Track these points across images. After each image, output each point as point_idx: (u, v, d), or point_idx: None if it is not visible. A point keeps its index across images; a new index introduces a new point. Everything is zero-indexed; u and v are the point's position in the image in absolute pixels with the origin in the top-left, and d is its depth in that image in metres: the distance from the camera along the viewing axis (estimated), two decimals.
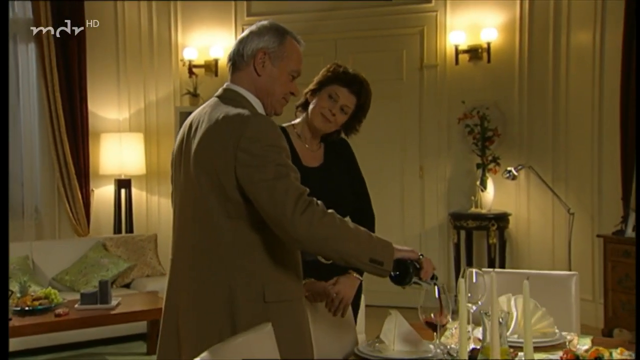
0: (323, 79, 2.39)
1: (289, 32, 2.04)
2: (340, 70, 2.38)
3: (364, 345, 2.05)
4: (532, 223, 5.65)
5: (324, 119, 2.35)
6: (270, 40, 1.96)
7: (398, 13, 5.97)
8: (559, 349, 2.02)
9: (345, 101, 2.35)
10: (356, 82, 2.37)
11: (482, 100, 5.62)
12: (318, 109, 2.35)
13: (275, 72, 1.95)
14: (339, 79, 2.35)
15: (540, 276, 2.65)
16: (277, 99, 1.97)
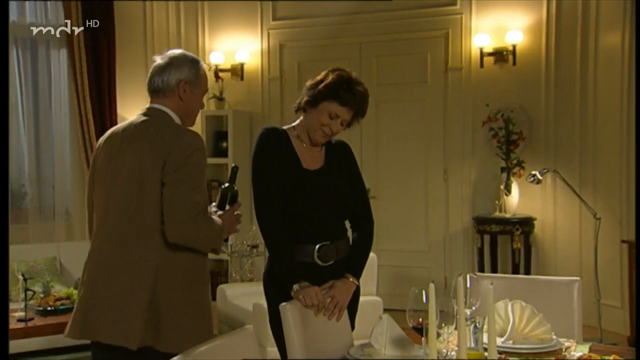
0: (322, 93, 2.30)
1: (199, 60, 2.42)
2: (341, 88, 2.29)
3: (354, 349, 2.05)
4: (559, 228, 5.54)
5: (324, 135, 2.37)
6: (189, 72, 2.33)
7: (423, 16, 5.94)
8: (555, 355, 1.99)
9: (345, 117, 2.35)
10: (356, 101, 2.32)
11: (507, 103, 5.55)
12: (318, 125, 2.33)
13: (194, 97, 2.31)
14: (338, 97, 2.29)
15: (543, 282, 2.61)
16: (195, 115, 2.35)
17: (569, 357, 1.91)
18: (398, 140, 6.10)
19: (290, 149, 2.35)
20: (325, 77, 2.35)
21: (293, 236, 2.29)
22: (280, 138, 2.36)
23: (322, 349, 2.07)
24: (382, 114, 6.15)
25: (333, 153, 2.46)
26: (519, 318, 2.13)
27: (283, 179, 2.30)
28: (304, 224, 2.30)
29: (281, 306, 2.05)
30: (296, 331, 1.97)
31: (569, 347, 2.09)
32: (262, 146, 2.34)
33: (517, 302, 2.16)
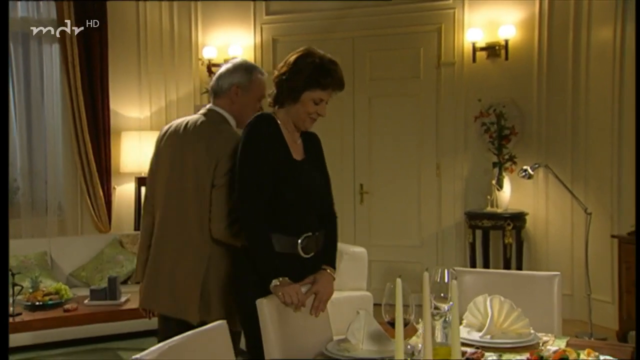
0: (302, 85, 2.27)
1: (255, 68, 2.60)
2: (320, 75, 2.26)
3: (332, 344, 2.05)
4: (551, 223, 5.55)
5: (313, 120, 2.36)
6: (241, 77, 2.55)
7: (415, 11, 5.93)
8: (532, 349, 1.99)
9: (328, 98, 2.35)
10: (336, 81, 2.31)
11: (499, 98, 5.55)
12: (305, 115, 2.31)
13: (245, 100, 2.54)
14: (320, 84, 2.27)
15: (524, 277, 2.61)
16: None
17: (544, 351, 1.91)
18: (391, 135, 6.10)
19: (281, 139, 2.30)
20: (295, 65, 2.29)
21: (277, 227, 2.25)
22: (273, 126, 2.29)
23: (301, 345, 2.07)
24: (375, 108, 6.14)
25: (309, 144, 2.44)
26: (497, 313, 2.14)
27: (275, 170, 2.25)
28: (290, 215, 2.28)
29: (258, 302, 2.04)
30: (273, 327, 1.97)
31: (547, 342, 2.09)
32: (256, 133, 2.26)
33: (496, 297, 2.16)
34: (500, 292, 2.24)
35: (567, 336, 2.24)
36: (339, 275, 4.59)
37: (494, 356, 1.92)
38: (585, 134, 5.36)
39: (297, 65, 2.29)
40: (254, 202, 2.21)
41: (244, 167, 2.24)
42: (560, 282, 2.43)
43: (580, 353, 1.84)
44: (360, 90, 6.16)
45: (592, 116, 5.32)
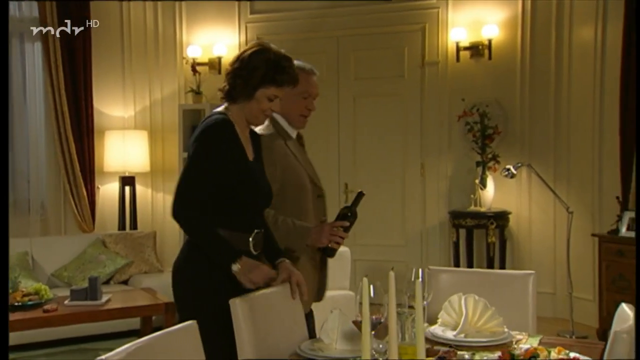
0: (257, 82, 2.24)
1: (301, 67, 2.55)
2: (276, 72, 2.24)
3: (305, 344, 2.05)
4: (533, 222, 5.58)
5: (266, 117, 2.37)
6: None
7: (399, 10, 5.94)
8: (505, 348, 2.00)
9: (282, 94, 2.33)
10: (290, 78, 2.29)
11: (482, 98, 5.57)
12: (259, 112, 2.30)
13: (290, 99, 2.50)
14: (275, 81, 2.25)
15: (499, 275, 2.63)
16: (292, 116, 2.57)
17: (517, 350, 1.92)
18: (375, 134, 6.11)
19: (237, 139, 2.28)
20: (250, 61, 2.25)
21: (230, 225, 2.24)
22: (231, 131, 2.26)
23: (275, 345, 2.06)
24: (359, 108, 6.15)
25: (255, 142, 2.44)
26: (472, 312, 2.15)
27: (232, 173, 2.23)
28: (243, 214, 2.29)
29: (231, 301, 2.03)
30: (247, 327, 1.96)
31: (520, 340, 2.10)
32: (215, 138, 2.22)
33: (471, 296, 2.17)
34: (476, 291, 2.25)
35: (542, 334, 2.25)
36: None
37: (466, 355, 1.92)
38: (568, 133, 5.40)
39: (251, 62, 2.25)
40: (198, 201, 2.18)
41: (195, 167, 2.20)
42: (535, 281, 2.44)
43: (551, 351, 1.85)
44: (345, 90, 6.16)
45: (574, 116, 5.35)
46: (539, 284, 5.24)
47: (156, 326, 3.79)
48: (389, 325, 1.32)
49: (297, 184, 2.62)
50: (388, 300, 1.35)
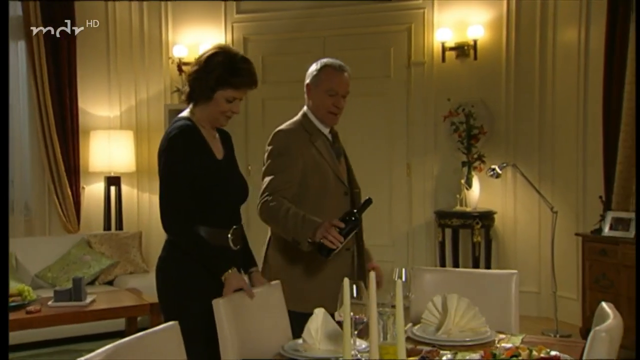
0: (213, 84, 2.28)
1: (326, 64, 2.69)
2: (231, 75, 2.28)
3: (289, 344, 2.05)
4: (518, 222, 5.61)
5: (227, 118, 2.39)
6: (312, 75, 2.69)
7: (386, 10, 5.95)
8: (487, 347, 2.01)
9: (241, 96, 2.37)
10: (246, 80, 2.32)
11: (468, 98, 5.59)
12: (219, 113, 2.34)
13: (316, 96, 2.66)
14: (230, 84, 2.29)
15: (482, 275, 2.64)
16: (322, 113, 2.67)
17: (499, 349, 1.93)
18: (361, 134, 6.11)
19: (203, 143, 2.33)
20: (207, 64, 2.30)
21: (208, 221, 2.30)
22: (195, 135, 2.31)
23: (258, 345, 2.06)
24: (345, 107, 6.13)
25: (226, 141, 2.49)
26: (455, 311, 2.16)
27: (200, 174, 2.28)
28: (218, 210, 2.34)
29: (214, 302, 2.03)
30: (229, 327, 1.96)
31: (503, 339, 2.12)
32: (178, 146, 2.26)
33: (454, 296, 2.18)
34: (460, 291, 2.26)
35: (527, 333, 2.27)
36: None
37: (449, 354, 1.93)
38: (552, 133, 5.44)
39: (208, 64, 2.30)
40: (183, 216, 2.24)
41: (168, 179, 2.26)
42: (517, 281, 2.46)
43: (532, 350, 1.87)
44: None
45: (558, 116, 5.39)
46: (524, 283, 5.34)
47: (141, 327, 3.76)
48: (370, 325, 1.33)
49: (318, 180, 2.63)
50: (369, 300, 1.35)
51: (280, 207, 2.48)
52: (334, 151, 2.75)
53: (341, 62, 2.73)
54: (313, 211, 2.56)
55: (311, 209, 2.57)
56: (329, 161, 2.67)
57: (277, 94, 6.35)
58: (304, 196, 2.59)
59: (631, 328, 4.03)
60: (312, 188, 2.62)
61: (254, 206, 2.60)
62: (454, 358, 1.92)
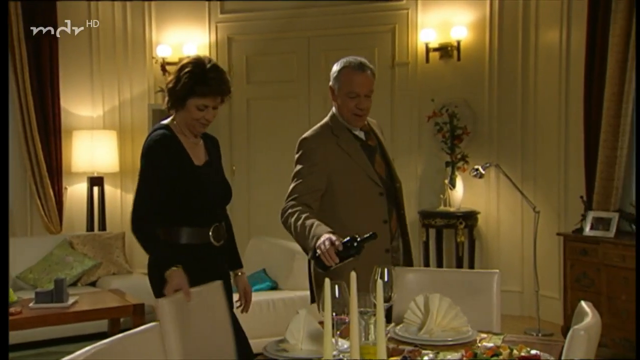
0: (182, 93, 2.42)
1: (345, 65, 2.66)
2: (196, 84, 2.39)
3: (270, 344, 2.05)
4: (502, 221, 5.65)
5: (203, 125, 2.48)
6: (333, 76, 2.69)
7: (370, 11, 5.97)
8: (469, 346, 2.02)
9: (212, 104, 2.46)
10: (213, 89, 2.41)
11: (451, 98, 5.62)
12: (193, 120, 2.45)
13: (339, 98, 2.66)
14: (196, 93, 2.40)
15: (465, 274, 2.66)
16: (345, 116, 2.67)
17: (480, 348, 1.95)
18: None
19: (181, 150, 2.45)
20: (178, 74, 2.44)
21: (189, 222, 2.46)
22: (171, 144, 2.44)
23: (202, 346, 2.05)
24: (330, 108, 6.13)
25: (210, 146, 2.61)
26: (436, 311, 2.17)
27: (177, 181, 2.41)
28: (198, 211, 2.47)
29: (159, 301, 2.04)
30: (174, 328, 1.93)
31: (484, 339, 2.13)
32: (155, 155, 2.42)
33: (436, 295, 2.19)
34: (442, 290, 2.27)
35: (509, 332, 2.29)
36: (292, 275, 4.60)
37: (431, 354, 1.94)
38: (534, 134, 5.48)
39: (178, 74, 2.44)
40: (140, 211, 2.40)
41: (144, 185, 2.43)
42: (499, 280, 2.48)
43: (513, 349, 1.88)
44: (316, 90, 6.17)
45: (540, 117, 5.44)
46: (507, 282, 5.37)
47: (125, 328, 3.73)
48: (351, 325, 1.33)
49: (348, 183, 2.61)
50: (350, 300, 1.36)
51: (294, 214, 2.50)
52: (367, 150, 2.70)
53: (362, 60, 2.68)
54: (346, 215, 2.57)
55: (344, 213, 2.57)
56: (359, 162, 2.64)
57: (261, 94, 6.35)
58: (335, 201, 2.59)
59: (611, 326, 4.09)
60: (342, 192, 2.60)
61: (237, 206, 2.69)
62: (436, 358, 1.93)
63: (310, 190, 2.56)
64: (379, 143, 2.79)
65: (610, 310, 4.18)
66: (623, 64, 4.38)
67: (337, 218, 2.59)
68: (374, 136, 2.78)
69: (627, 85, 4.38)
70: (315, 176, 2.57)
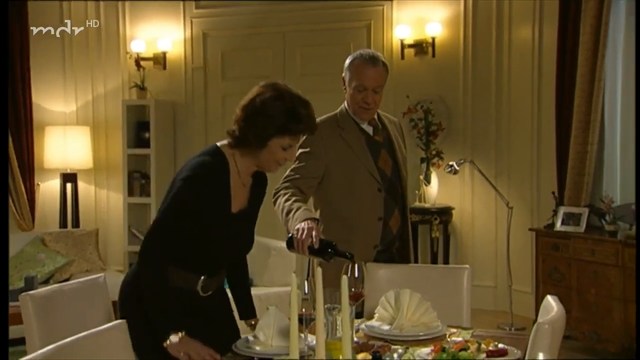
0: (270, 132, 2.04)
1: (356, 57, 2.64)
2: (289, 121, 2.04)
3: (241, 341, 2.05)
4: (476, 217, 5.70)
5: (280, 166, 2.18)
6: (345, 67, 2.67)
7: (346, 7, 5.97)
8: (438, 341, 2.04)
9: (298, 142, 2.20)
10: (307, 127, 2.11)
11: (426, 95, 5.65)
12: (273, 162, 2.12)
13: (349, 90, 2.66)
14: (289, 131, 2.06)
15: (436, 270, 2.69)
16: (354, 108, 2.67)
17: (449, 343, 1.97)
18: None
19: (225, 190, 2.09)
20: (263, 109, 2.04)
21: (185, 266, 2.09)
22: (221, 179, 2.08)
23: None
24: None
25: (257, 189, 2.24)
26: (407, 306, 2.18)
27: (205, 225, 2.06)
28: (203, 260, 2.12)
29: (21, 297, 1.98)
30: (37, 325, 1.93)
31: (453, 333, 2.15)
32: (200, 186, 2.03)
33: (406, 291, 2.21)
34: (413, 286, 2.29)
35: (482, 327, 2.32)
36: (267, 271, 4.61)
37: (400, 349, 1.96)
38: (508, 130, 5.54)
39: (266, 109, 2.04)
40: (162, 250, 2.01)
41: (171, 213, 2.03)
42: (469, 275, 2.50)
43: (481, 343, 1.90)
44: (291, 85, 6.10)
45: (514, 113, 5.50)
46: (481, 277, 5.44)
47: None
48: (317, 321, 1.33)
49: (345, 175, 2.59)
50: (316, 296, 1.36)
51: (285, 195, 2.46)
52: (372, 145, 2.66)
53: (375, 53, 2.65)
54: (340, 206, 2.57)
55: (338, 204, 2.58)
56: (360, 156, 2.62)
57: (237, 89, 6.26)
58: (330, 190, 2.59)
59: (581, 320, 4.16)
60: (338, 183, 2.59)
61: None
62: (405, 352, 1.94)
63: (305, 177, 2.56)
64: (389, 140, 2.73)
65: (580, 304, 4.25)
66: (593, 62, 4.45)
67: (331, 208, 2.62)
68: (385, 132, 2.74)
69: (597, 83, 4.45)
70: (312, 163, 2.56)
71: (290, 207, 2.41)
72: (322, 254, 2.18)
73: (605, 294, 4.02)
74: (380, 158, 2.67)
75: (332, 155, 2.59)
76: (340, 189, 2.61)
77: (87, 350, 1.49)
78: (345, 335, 1.31)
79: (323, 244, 2.19)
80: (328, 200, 2.61)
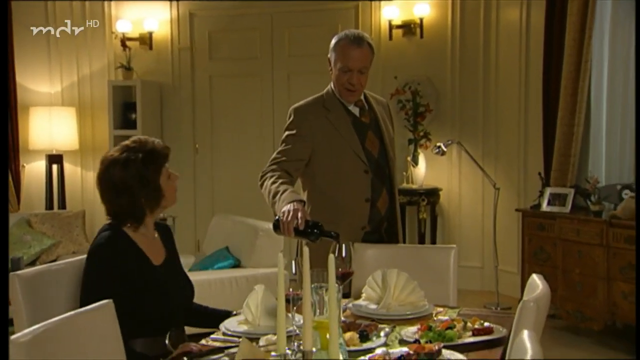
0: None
1: (342, 38, 2.63)
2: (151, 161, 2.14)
3: (228, 321, 2.05)
4: (463, 198, 5.73)
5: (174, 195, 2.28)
6: (330, 48, 2.66)
7: None
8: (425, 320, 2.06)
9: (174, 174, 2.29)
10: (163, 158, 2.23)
11: (414, 76, 5.64)
12: (171, 194, 2.23)
13: (335, 71, 2.64)
14: (159, 163, 2.18)
15: (422, 249, 2.70)
16: (339, 89, 2.66)
17: (435, 322, 1.98)
18: None
19: (137, 251, 2.11)
20: (122, 184, 2.15)
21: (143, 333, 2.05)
22: (123, 243, 2.10)
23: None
24: (294, 85, 6.12)
25: (166, 238, 2.28)
26: (394, 286, 2.20)
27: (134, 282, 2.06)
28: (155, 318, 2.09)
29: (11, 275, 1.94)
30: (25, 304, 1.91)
31: (440, 312, 2.17)
32: (106, 257, 2.06)
33: (393, 271, 2.22)
34: (400, 266, 2.30)
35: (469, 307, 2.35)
36: (255, 252, 4.61)
37: (387, 328, 1.97)
38: (495, 112, 5.55)
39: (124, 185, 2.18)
40: None
41: (91, 291, 2.01)
42: (456, 255, 2.52)
43: (467, 322, 1.92)
44: (279, 67, 6.13)
45: (501, 95, 5.51)
46: (468, 258, 5.48)
47: None
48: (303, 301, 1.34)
49: (332, 157, 2.60)
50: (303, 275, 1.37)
51: (272, 177, 2.47)
52: (358, 127, 2.66)
53: (361, 34, 2.65)
54: (327, 188, 2.57)
55: (325, 186, 2.58)
56: (346, 137, 2.61)
57: (224, 70, 6.27)
58: (317, 172, 2.59)
59: (566, 298, 4.22)
60: (325, 164, 2.60)
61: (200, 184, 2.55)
62: (392, 331, 1.96)
63: (292, 159, 2.56)
64: (376, 121, 2.72)
65: (565, 283, 4.30)
66: (580, 43, 4.45)
67: (318, 190, 2.62)
68: (371, 113, 2.73)
69: (584, 64, 4.46)
70: (298, 145, 2.57)
71: (276, 189, 2.42)
72: (308, 235, 2.20)
73: (590, 273, 4.07)
74: (367, 139, 2.67)
75: (319, 137, 2.60)
76: (327, 170, 2.62)
77: (74, 330, 1.49)
78: (332, 314, 1.31)
79: (309, 225, 2.20)
80: (315, 183, 2.62)
